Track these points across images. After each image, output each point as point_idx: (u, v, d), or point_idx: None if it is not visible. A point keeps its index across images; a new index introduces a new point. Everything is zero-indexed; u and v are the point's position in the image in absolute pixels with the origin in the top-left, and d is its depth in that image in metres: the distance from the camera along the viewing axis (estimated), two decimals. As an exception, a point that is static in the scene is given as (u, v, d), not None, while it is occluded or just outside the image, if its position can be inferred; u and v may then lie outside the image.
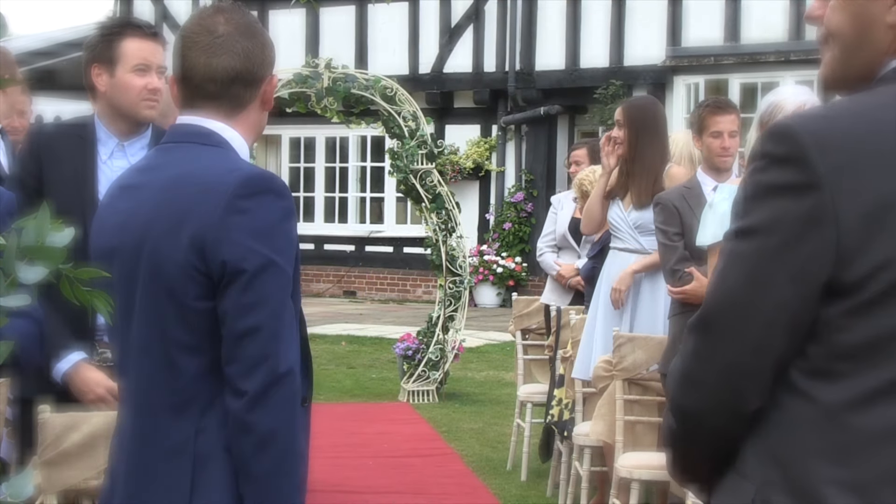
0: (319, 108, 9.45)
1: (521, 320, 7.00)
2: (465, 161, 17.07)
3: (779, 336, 1.53)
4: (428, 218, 9.47)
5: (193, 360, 2.19)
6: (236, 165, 2.26)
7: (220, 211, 2.15)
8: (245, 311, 2.12)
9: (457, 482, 6.69)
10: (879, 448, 1.47)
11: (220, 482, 2.17)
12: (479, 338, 12.74)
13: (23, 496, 1.36)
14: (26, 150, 3.63)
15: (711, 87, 14.80)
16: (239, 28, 2.32)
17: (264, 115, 2.41)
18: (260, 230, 2.15)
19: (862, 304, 1.48)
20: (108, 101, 3.51)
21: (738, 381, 1.57)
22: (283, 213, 2.20)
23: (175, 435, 2.20)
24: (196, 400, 2.20)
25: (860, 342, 1.49)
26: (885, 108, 1.54)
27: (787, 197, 1.51)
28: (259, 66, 2.33)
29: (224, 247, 2.14)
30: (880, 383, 1.48)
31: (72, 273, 1.35)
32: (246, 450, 2.14)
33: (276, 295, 2.15)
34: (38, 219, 1.31)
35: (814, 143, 1.50)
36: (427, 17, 17.49)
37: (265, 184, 2.21)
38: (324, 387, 9.73)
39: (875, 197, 1.47)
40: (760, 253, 1.53)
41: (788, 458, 1.54)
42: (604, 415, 5.08)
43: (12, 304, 1.27)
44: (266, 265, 2.13)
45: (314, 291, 18.22)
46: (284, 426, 2.15)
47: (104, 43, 3.47)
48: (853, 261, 1.48)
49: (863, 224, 1.47)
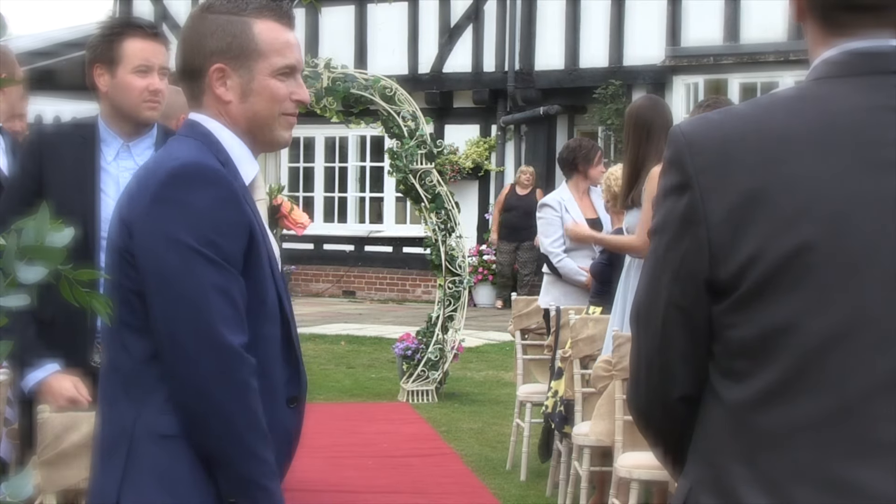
0: (319, 107, 9.45)
1: (521, 320, 7.00)
2: (465, 161, 17.07)
3: (677, 333, 1.58)
4: (427, 218, 9.47)
5: (139, 343, 2.18)
6: (180, 155, 2.23)
7: (147, 199, 2.17)
8: (163, 301, 2.13)
9: (456, 482, 6.69)
10: (784, 447, 1.48)
11: (150, 469, 2.16)
12: (478, 338, 12.74)
13: (22, 496, 1.36)
14: (27, 151, 3.63)
15: (711, 86, 14.80)
16: (187, 21, 2.35)
17: (251, 102, 2.30)
18: (181, 219, 2.14)
19: (740, 301, 1.50)
20: (110, 102, 3.51)
21: (656, 375, 1.63)
22: (213, 202, 2.17)
23: (120, 419, 2.20)
24: (139, 384, 2.19)
25: (748, 340, 1.51)
26: (774, 109, 1.56)
27: (670, 198, 1.56)
28: (197, 57, 2.30)
29: (145, 236, 2.15)
30: (772, 384, 1.49)
31: (71, 274, 1.35)
32: (197, 437, 2.15)
33: (197, 285, 2.12)
34: (38, 219, 1.31)
35: (686, 145, 1.54)
36: (426, 16, 17.49)
37: (195, 173, 2.18)
38: (323, 387, 9.73)
39: (740, 193, 1.49)
40: (656, 253, 1.60)
41: (711, 457, 1.56)
42: (603, 415, 5.08)
43: (12, 305, 1.27)
44: (186, 257, 2.12)
45: (313, 291, 18.22)
46: (236, 417, 2.14)
47: (105, 43, 3.46)
48: (725, 258, 1.50)
49: (729, 222, 1.49)
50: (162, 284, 2.14)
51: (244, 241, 2.19)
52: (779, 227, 1.47)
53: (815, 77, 1.57)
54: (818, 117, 1.52)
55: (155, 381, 2.17)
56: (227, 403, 2.14)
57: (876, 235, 1.46)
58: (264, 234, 2.28)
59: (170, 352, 2.15)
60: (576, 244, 6.83)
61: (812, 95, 1.56)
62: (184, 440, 2.16)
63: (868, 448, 1.45)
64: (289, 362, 2.30)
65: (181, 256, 2.12)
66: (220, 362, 2.13)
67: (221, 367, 2.13)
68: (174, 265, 2.13)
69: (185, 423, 2.15)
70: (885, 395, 1.45)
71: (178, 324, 2.13)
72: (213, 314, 2.13)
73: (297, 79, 2.35)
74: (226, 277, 2.15)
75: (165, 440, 2.17)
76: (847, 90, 1.53)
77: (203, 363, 2.13)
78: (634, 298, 1.68)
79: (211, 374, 2.13)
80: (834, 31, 1.57)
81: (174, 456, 2.17)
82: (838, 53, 1.56)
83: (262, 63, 2.29)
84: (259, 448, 2.17)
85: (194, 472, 2.17)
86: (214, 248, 2.14)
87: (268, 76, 2.30)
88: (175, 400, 2.15)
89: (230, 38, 2.29)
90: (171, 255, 2.13)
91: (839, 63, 1.55)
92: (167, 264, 2.13)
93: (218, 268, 2.14)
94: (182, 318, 2.13)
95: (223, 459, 2.16)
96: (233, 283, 2.16)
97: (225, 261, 2.15)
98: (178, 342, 2.13)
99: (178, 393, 2.15)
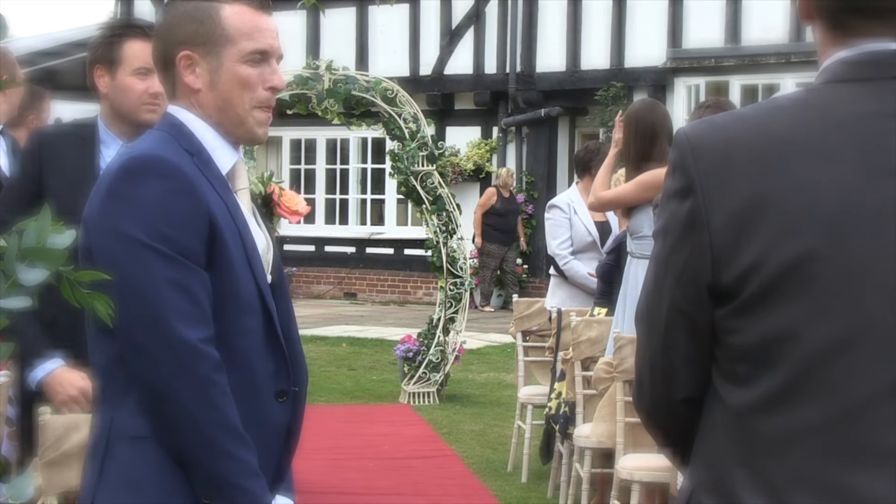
0: (320, 109, 9.45)
1: (522, 322, 6.99)
2: (466, 163, 17.07)
3: (680, 336, 1.58)
4: (428, 219, 9.47)
5: (110, 344, 2.15)
6: (138, 147, 2.21)
7: (101, 195, 2.15)
8: (118, 299, 2.09)
9: (457, 484, 6.69)
10: (785, 452, 1.48)
11: (120, 471, 2.14)
12: (479, 339, 12.74)
13: (23, 497, 1.36)
14: (27, 152, 3.63)
15: (712, 88, 14.80)
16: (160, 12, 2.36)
17: (220, 90, 2.26)
18: (132, 214, 2.10)
19: (742, 306, 1.50)
20: (110, 103, 3.51)
21: (660, 377, 1.63)
22: (164, 195, 2.12)
23: (100, 421, 2.19)
24: (113, 385, 2.17)
25: (750, 346, 1.51)
26: (777, 114, 1.56)
27: (674, 202, 1.56)
28: (167, 46, 2.28)
29: (98, 233, 2.12)
30: (774, 390, 1.49)
31: (72, 275, 1.35)
32: (165, 438, 2.12)
33: (149, 281, 2.08)
34: (39, 220, 1.31)
35: (690, 149, 1.54)
36: (428, 18, 17.50)
37: (146, 166, 2.15)
38: (324, 388, 9.73)
39: (743, 199, 1.49)
40: (659, 256, 1.60)
41: (713, 460, 1.56)
42: (604, 416, 5.08)
43: (13, 306, 1.27)
44: (136, 253, 2.09)
45: (315, 293, 18.22)
46: (201, 415, 2.10)
47: (106, 44, 3.46)
48: (728, 263, 1.50)
49: (732, 226, 1.49)
50: (116, 282, 2.11)
51: (203, 232, 2.13)
52: (781, 233, 1.47)
53: (823, 81, 1.57)
54: (822, 123, 1.51)
55: (126, 383, 2.15)
56: (189, 401, 2.09)
57: (879, 243, 1.45)
58: (241, 224, 2.23)
59: (129, 351, 2.11)
60: (582, 246, 6.82)
61: (816, 101, 1.55)
62: (155, 441, 2.13)
63: (869, 455, 1.45)
64: (273, 355, 2.25)
65: (131, 252, 2.08)
66: (177, 359, 2.08)
67: (180, 363, 2.08)
68: (125, 261, 2.08)
69: (153, 423, 2.12)
70: (886, 403, 1.44)
71: (134, 322, 2.08)
72: (168, 310, 2.08)
73: (271, 65, 2.28)
74: (181, 271, 2.10)
75: (137, 442, 2.14)
76: (851, 95, 1.53)
77: (161, 361, 2.08)
78: (639, 300, 1.67)
79: (170, 371, 2.08)
80: (841, 34, 1.56)
81: (145, 458, 2.14)
82: (845, 57, 1.55)
83: (230, 48, 2.24)
84: (229, 445, 2.11)
85: (164, 474, 2.13)
86: (167, 243, 2.09)
87: (237, 62, 2.25)
88: (143, 400, 2.13)
89: (196, 25, 2.25)
90: (121, 252, 2.09)
91: (844, 67, 1.55)
92: (118, 261, 2.07)
93: (171, 262, 2.09)
94: (137, 316, 2.07)
95: (193, 459, 2.12)
96: (190, 277, 2.11)
97: (180, 254, 2.10)
98: (136, 341, 2.10)
99: (144, 393, 2.12)
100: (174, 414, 2.10)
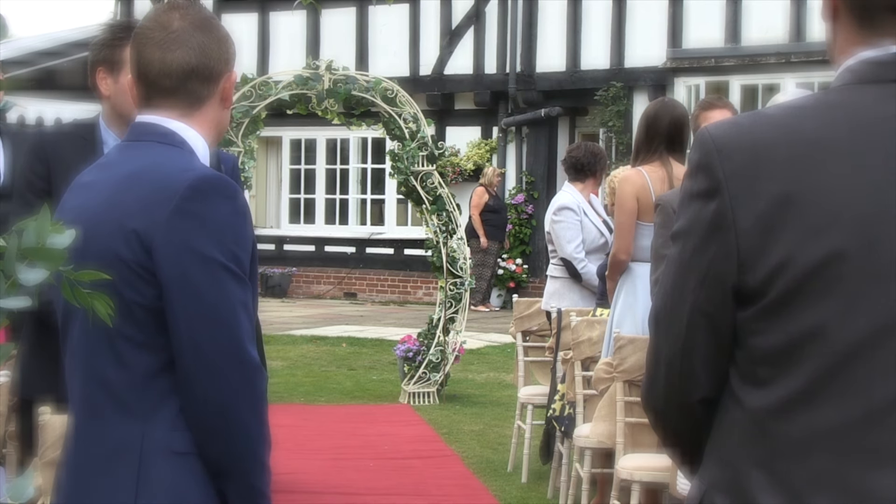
0: (320, 109, 9.45)
1: (522, 322, 6.98)
2: (466, 163, 17.07)
3: (701, 338, 1.57)
4: (429, 220, 9.47)
5: (144, 358, 2.16)
6: (190, 166, 2.22)
7: (167, 212, 2.13)
8: (190, 317, 2.11)
9: (457, 484, 6.68)
10: (805, 455, 1.48)
11: (165, 487, 2.14)
12: (479, 339, 12.74)
13: (23, 497, 1.36)
14: (32, 153, 3.61)
15: (712, 88, 14.80)
16: (194, 23, 2.28)
17: (225, 113, 2.36)
18: (207, 234, 2.12)
19: (767, 308, 1.50)
20: (112, 105, 3.50)
21: (677, 378, 1.62)
22: (233, 215, 2.16)
23: (121, 435, 2.17)
24: (146, 399, 2.16)
25: (774, 347, 1.50)
26: (805, 114, 1.55)
27: (698, 202, 1.54)
28: (216, 62, 2.29)
29: (169, 251, 2.11)
30: (795, 391, 1.49)
31: (72, 275, 1.35)
32: (214, 452, 2.15)
33: (223, 298, 2.12)
34: (39, 220, 1.31)
35: (716, 149, 1.53)
36: (427, 18, 17.50)
37: (214, 186, 2.17)
38: (325, 388, 9.73)
39: (770, 200, 1.48)
40: (680, 257, 1.58)
41: (728, 461, 1.56)
42: (604, 416, 5.08)
43: (13, 306, 1.27)
44: (215, 273, 2.11)
45: (315, 293, 18.22)
46: (255, 429, 2.16)
47: (109, 46, 3.46)
48: (754, 264, 1.49)
49: (759, 228, 1.49)
50: (190, 301, 2.10)
51: (251, 251, 2.21)
52: (809, 234, 1.46)
53: (847, 82, 1.56)
54: (850, 124, 1.51)
55: (161, 397, 2.15)
56: (249, 417, 2.14)
57: None
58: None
59: (194, 368, 2.12)
60: (594, 248, 6.80)
61: (844, 101, 1.55)
62: (195, 457, 2.15)
63: (889, 457, 1.45)
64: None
65: (209, 272, 2.11)
66: (245, 378, 2.13)
67: (246, 382, 2.13)
68: (202, 281, 2.11)
69: (199, 438, 2.14)
70: None
71: (208, 341, 2.11)
72: (242, 332, 2.13)
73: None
74: (246, 292, 2.16)
75: (179, 457, 2.15)
76: (880, 96, 1.52)
77: (232, 379, 2.12)
78: (654, 301, 1.66)
79: (238, 389, 2.12)
80: (868, 32, 1.55)
81: (189, 473, 2.16)
82: (871, 57, 1.54)
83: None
84: (267, 458, 2.19)
85: (208, 489, 2.17)
86: (238, 263, 2.14)
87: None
88: (190, 416, 2.13)
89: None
90: (199, 271, 2.11)
91: (870, 67, 1.54)
92: (195, 280, 2.10)
93: (241, 282, 2.15)
94: (212, 336, 2.11)
95: (238, 472, 2.16)
96: (249, 296, 2.18)
97: (245, 274, 2.16)
98: (206, 358, 2.11)
99: (196, 408, 2.13)
100: (232, 429, 2.14)
